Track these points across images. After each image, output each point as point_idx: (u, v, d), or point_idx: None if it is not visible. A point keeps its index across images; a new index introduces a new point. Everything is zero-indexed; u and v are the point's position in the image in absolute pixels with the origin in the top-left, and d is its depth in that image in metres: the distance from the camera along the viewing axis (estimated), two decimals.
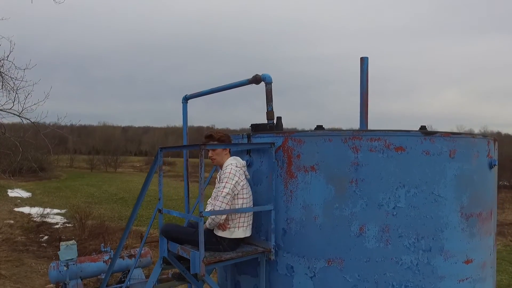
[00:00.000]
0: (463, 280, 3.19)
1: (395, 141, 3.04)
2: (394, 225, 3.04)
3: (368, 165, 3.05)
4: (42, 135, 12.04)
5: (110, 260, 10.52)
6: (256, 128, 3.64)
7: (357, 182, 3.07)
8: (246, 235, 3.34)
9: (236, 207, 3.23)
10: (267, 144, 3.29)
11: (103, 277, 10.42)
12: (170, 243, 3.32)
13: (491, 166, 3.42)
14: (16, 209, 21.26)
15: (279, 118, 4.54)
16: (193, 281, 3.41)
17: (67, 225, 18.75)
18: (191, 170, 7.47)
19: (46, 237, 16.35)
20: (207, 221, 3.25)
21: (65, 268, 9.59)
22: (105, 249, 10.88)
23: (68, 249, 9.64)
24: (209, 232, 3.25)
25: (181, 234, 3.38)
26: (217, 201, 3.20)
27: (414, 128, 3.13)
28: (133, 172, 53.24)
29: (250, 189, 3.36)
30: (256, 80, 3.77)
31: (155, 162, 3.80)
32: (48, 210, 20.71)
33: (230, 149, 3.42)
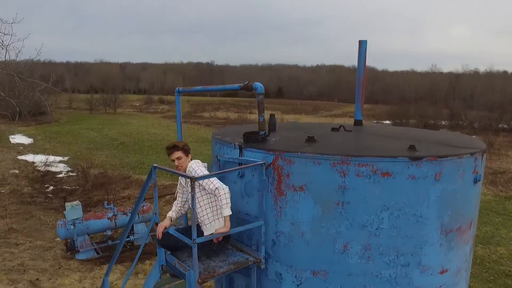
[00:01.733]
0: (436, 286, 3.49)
1: (382, 166, 3.13)
2: (376, 244, 3.26)
3: (354, 189, 3.18)
4: (38, 92, 11.98)
5: (114, 217, 11.11)
6: (248, 138, 3.69)
7: (343, 205, 3.22)
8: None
9: (214, 203, 3.57)
10: (258, 165, 3.38)
11: (109, 233, 11.09)
12: (168, 255, 3.57)
13: (475, 182, 3.54)
14: (19, 157, 21.78)
15: (272, 116, 4.57)
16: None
17: (71, 174, 19.37)
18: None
19: (51, 187, 17.00)
20: (225, 206, 3.41)
21: (72, 227, 10.18)
22: (109, 206, 11.42)
23: (73, 210, 10.16)
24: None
25: (177, 242, 3.62)
26: (215, 182, 3.40)
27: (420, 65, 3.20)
28: (133, 112, 53.33)
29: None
30: (247, 87, 3.74)
31: (148, 179, 3.91)
32: (51, 158, 21.23)
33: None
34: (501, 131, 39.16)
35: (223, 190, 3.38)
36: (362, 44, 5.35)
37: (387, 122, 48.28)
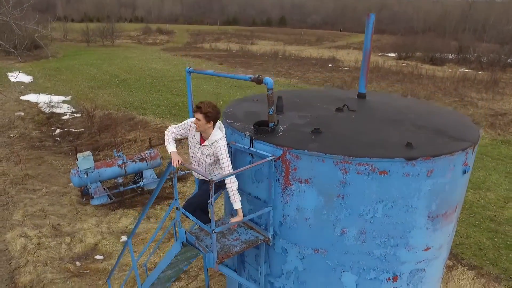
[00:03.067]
0: (420, 262, 4.08)
1: (380, 166, 3.50)
2: (370, 229, 3.76)
3: (354, 184, 3.58)
4: (36, 38, 11.86)
5: (124, 165, 11.74)
6: (258, 130, 4.01)
7: (343, 197, 3.65)
8: None
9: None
10: (268, 160, 3.75)
11: (120, 180, 11.80)
12: (187, 234, 4.10)
13: (464, 172, 3.93)
14: (22, 98, 21.95)
15: (280, 98, 4.82)
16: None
17: (75, 115, 19.72)
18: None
19: (58, 130, 17.48)
20: (235, 200, 4.01)
21: (85, 176, 10.84)
22: (118, 154, 11.98)
23: (85, 160, 10.73)
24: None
25: (195, 205, 4.24)
26: (227, 167, 3.99)
27: None
28: (131, 44, 51.92)
29: None
30: (258, 80, 3.95)
31: (165, 173, 4.28)
32: (54, 98, 21.42)
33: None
34: (509, 66, 38.43)
35: (234, 185, 3.94)
36: (370, 18, 5.37)
37: (392, 54, 47.19)
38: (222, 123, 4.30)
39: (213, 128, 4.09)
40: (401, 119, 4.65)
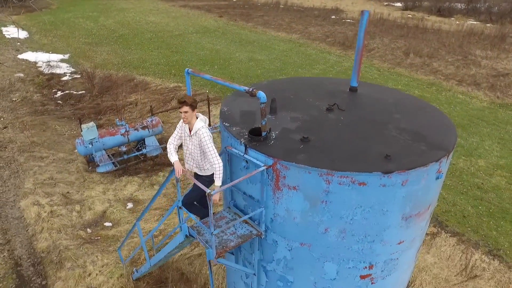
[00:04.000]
0: (393, 253, 4.68)
1: (360, 178, 3.96)
2: (350, 229, 4.31)
3: (336, 193, 4.07)
4: None
5: (126, 133, 12.22)
6: (252, 138, 4.41)
7: (326, 203, 4.15)
8: None
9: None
10: (261, 170, 4.20)
11: (123, 149, 12.34)
12: (190, 229, 4.67)
13: (437, 178, 4.40)
14: (20, 57, 21.85)
15: (273, 100, 5.16)
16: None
17: (75, 76, 19.82)
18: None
19: (59, 93, 17.72)
20: (217, 178, 4.68)
21: (90, 146, 11.37)
22: (120, 123, 12.42)
23: (89, 131, 11.20)
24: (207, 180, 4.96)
25: (192, 199, 4.84)
26: (214, 159, 4.64)
27: None
28: None
29: None
30: (252, 94, 4.28)
31: (166, 180, 4.73)
32: (52, 57, 21.34)
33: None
34: None
35: (219, 166, 4.60)
36: (364, 14, 5.53)
37: (398, 4, 45.50)
38: (205, 117, 4.98)
39: (196, 118, 4.79)
40: (386, 120, 5.01)
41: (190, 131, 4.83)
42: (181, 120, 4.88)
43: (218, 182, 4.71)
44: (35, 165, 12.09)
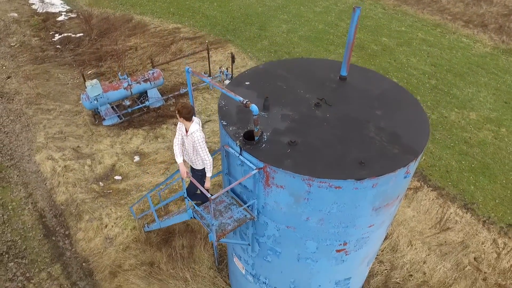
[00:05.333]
0: (364, 234, 5.67)
1: (336, 183, 4.76)
2: (327, 218, 5.23)
3: (316, 193, 4.90)
4: None
5: (129, 87, 12.78)
6: (246, 142, 5.13)
7: (307, 200, 5.01)
8: None
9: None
10: (254, 173, 4.98)
11: (127, 103, 13.00)
12: (194, 213, 5.60)
13: (405, 177, 5.19)
14: None
15: (266, 98, 5.74)
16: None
17: (71, 15, 19.54)
18: None
19: (57, 35, 17.71)
20: (208, 171, 5.67)
21: (95, 102, 12.04)
22: (123, 77, 12.93)
23: (94, 88, 11.80)
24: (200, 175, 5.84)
25: (194, 190, 5.79)
26: (205, 157, 5.64)
27: None
28: None
29: None
30: (245, 105, 4.89)
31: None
32: None
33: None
34: None
35: (209, 163, 5.59)
36: (356, 11, 5.83)
37: None
38: (199, 119, 5.80)
39: (192, 121, 5.60)
40: (368, 118, 5.65)
41: (186, 131, 5.55)
42: (179, 122, 5.59)
43: (208, 174, 5.76)
44: (44, 118, 12.83)
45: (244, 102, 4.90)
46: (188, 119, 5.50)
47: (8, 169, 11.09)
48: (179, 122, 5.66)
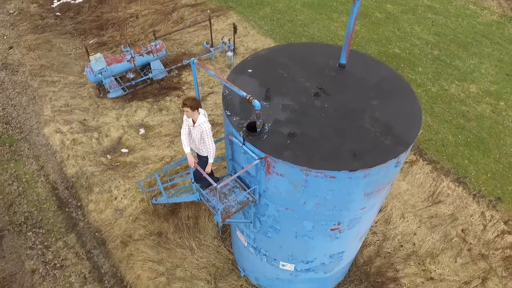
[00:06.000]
0: (356, 215, 6.24)
1: (331, 174, 5.24)
2: (323, 203, 5.77)
3: (312, 181, 5.40)
4: None
5: (132, 59, 13.01)
6: (248, 134, 5.56)
7: (305, 187, 5.53)
8: None
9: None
10: (255, 162, 5.45)
11: (131, 76, 13.27)
12: (201, 197, 6.14)
13: (396, 166, 5.66)
14: None
15: (268, 90, 6.10)
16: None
17: None
18: None
19: (55, 1, 17.53)
20: (210, 158, 6.18)
21: (100, 75, 12.34)
22: (126, 49, 13.12)
23: (98, 62, 12.06)
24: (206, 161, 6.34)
25: (200, 174, 6.31)
26: (210, 145, 6.11)
27: None
28: None
29: None
30: (248, 101, 5.27)
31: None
32: None
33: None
34: None
35: (213, 151, 6.13)
36: (356, 4, 6.04)
37: None
38: (205, 111, 6.14)
39: (199, 113, 5.93)
40: (364, 108, 6.02)
41: (193, 123, 5.94)
42: (184, 114, 5.96)
43: (210, 160, 6.28)
44: (49, 91, 13.16)
45: (248, 98, 5.28)
46: (194, 108, 5.84)
47: (19, 142, 11.59)
48: (185, 114, 6.04)
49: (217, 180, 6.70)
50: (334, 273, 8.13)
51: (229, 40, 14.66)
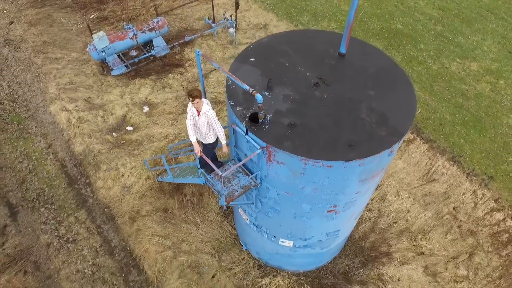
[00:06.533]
0: (351, 198, 6.73)
1: (328, 163, 5.67)
2: (320, 188, 6.24)
3: (310, 169, 5.84)
4: None
5: (135, 36, 13.16)
6: (251, 124, 5.94)
7: (304, 174, 5.97)
8: None
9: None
10: (258, 152, 5.87)
11: (134, 53, 13.47)
12: (207, 181, 6.61)
13: (389, 155, 6.08)
14: None
15: (270, 80, 6.42)
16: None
17: None
18: None
19: None
20: (223, 139, 6.64)
21: (103, 53, 12.55)
22: (128, 26, 13.25)
23: (101, 41, 12.26)
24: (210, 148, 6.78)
25: (204, 162, 6.76)
26: (219, 129, 6.63)
27: None
28: None
29: None
30: (251, 95, 5.62)
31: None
32: None
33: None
34: None
35: (222, 133, 6.61)
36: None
37: None
38: (208, 100, 6.65)
39: (202, 103, 6.36)
40: (361, 98, 6.37)
41: (198, 112, 6.32)
42: (189, 104, 6.32)
43: (223, 141, 6.73)
44: (53, 68, 13.38)
45: (251, 92, 5.62)
46: (199, 97, 6.19)
47: (26, 120, 11.98)
48: (188, 105, 6.39)
49: (220, 164, 7.16)
50: (330, 248, 8.75)
51: (231, 16, 14.68)
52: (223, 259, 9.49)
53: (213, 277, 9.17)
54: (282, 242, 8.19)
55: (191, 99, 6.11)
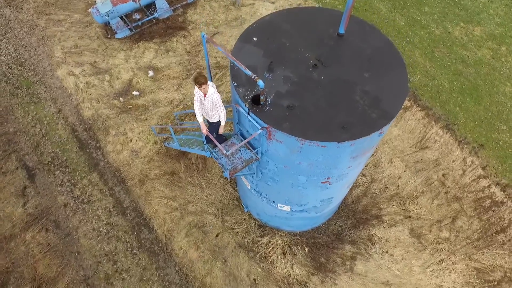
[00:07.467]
0: (344, 172, 7.47)
1: (322, 144, 6.35)
2: (315, 163, 6.97)
3: (306, 148, 6.53)
4: None
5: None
6: (253, 106, 6.54)
7: (300, 152, 6.67)
8: None
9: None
10: (259, 132, 6.52)
11: (137, 17, 13.69)
12: (212, 155, 7.32)
13: (379, 135, 6.73)
14: None
15: (271, 63, 6.91)
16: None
17: None
18: None
19: None
20: (222, 120, 7.30)
21: (107, 17, 12.82)
22: None
23: (104, 5, 12.53)
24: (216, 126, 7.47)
25: (209, 138, 7.47)
26: (222, 110, 7.29)
27: None
28: None
29: None
30: (254, 80, 6.17)
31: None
32: None
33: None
34: None
35: (224, 114, 7.33)
36: None
37: None
38: (213, 83, 7.27)
39: (208, 86, 6.95)
40: (356, 80, 6.90)
41: (205, 95, 6.89)
42: (195, 87, 6.86)
43: (223, 122, 7.43)
44: (57, 30, 13.64)
45: (253, 78, 6.16)
46: (205, 83, 6.74)
47: (35, 84, 12.50)
48: (195, 88, 6.93)
49: (224, 139, 7.83)
50: (324, 212, 9.67)
51: None
52: (226, 220, 10.46)
53: (217, 236, 10.20)
54: (280, 207, 9.07)
55: (198, 86, 6.65)
